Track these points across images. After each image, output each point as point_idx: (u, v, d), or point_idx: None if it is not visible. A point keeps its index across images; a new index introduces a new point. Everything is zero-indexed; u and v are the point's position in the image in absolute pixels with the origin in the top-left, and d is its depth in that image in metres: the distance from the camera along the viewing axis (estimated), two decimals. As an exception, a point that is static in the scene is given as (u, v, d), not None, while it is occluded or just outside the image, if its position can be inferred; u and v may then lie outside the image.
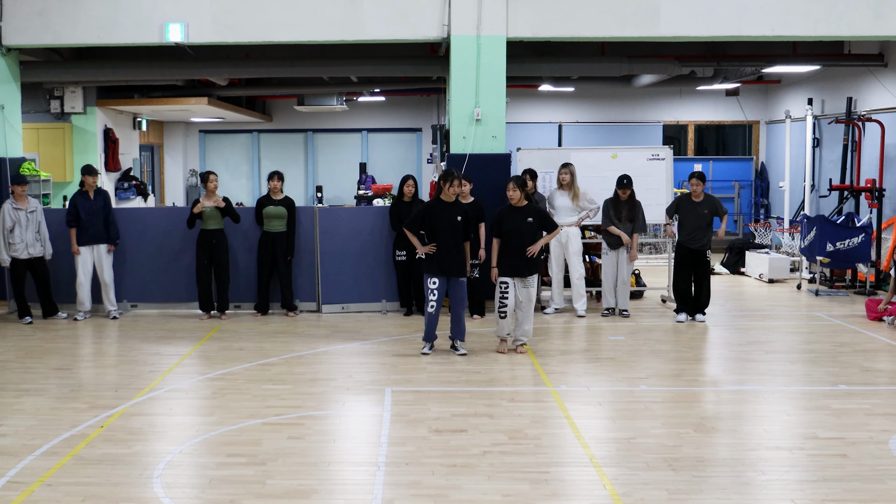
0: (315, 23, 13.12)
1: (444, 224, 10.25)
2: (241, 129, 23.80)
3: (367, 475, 6.45)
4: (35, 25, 13.22)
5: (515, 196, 10.41)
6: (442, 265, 10.20)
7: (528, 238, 10.31)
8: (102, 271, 12.64)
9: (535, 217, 10.42)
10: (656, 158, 13.97)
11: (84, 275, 12.59)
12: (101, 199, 12.68)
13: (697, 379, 9.48)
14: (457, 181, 10.48)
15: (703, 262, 12.34)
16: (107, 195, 12.88)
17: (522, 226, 10.28)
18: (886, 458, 6.80)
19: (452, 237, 10.25)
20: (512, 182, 10.45)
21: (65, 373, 9.58)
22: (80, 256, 12.52)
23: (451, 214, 10.32)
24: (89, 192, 12.63)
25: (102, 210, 12.61)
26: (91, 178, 12.66)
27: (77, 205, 12.53)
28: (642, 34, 13.14)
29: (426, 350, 10.35)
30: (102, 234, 12.61)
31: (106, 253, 12.66)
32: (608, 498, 6.01)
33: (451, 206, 10.40)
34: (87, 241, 12.55)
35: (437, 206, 10.42)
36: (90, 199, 12.59)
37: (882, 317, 12.20)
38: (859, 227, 14.18)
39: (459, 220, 10.31)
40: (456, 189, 10.46)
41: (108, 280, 12.68)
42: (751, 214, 21.83)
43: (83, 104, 18.03)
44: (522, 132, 21.43)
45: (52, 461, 6.74)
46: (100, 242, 12.61)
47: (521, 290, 10.32)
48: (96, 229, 12.57)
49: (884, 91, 16.20)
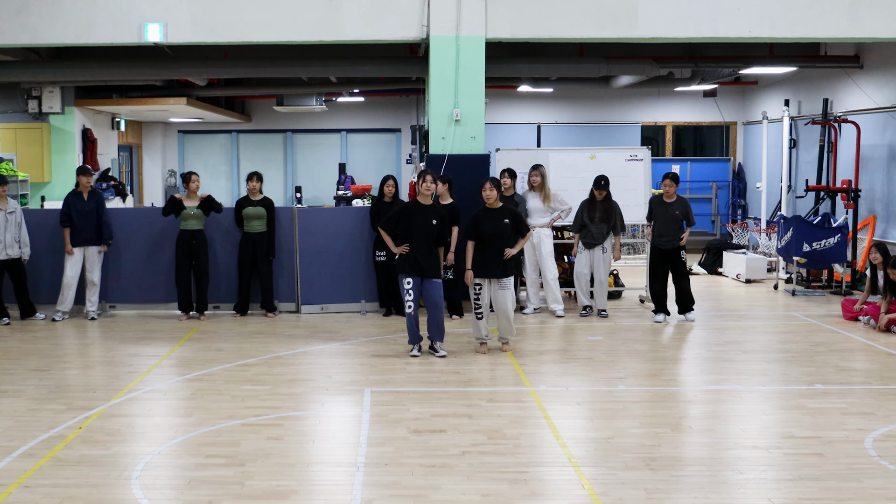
0: (294, 23, 13.10)
1: (419, 226, 10.19)
2: (220, 129, 23.74)
3: (347, 476, 6.46)
4: (13, 25, 13.13)
5: (493, 196, 10.39)
6: (415, 265, 10.16)
7: (504, 239, 10.29)
8: (92, 272, 12.62)
9: (511, 218, 10.39)
10: (634, 159, 14.03)
11: (72, 275, 12.55)
12: (95, 200, 12.64)
13: (675, 379, 9.54)
14: (430, 176, 10.45)
15: (677, 263, 12.39)
16: (101, 196, 12.84)
17: (499, 227, 10.26)
18: (862, 457, 6.86)
19: (426, 239, 10.20)
20: (489, 182, 10.44)
21: (43, 374, 9.54)
22: (71, 256, 12.48)
23: (426, 217, 10.27)
24: (83, 193, 12.59)
25: (95, 211, 12.57)
26: (85, 179, 12.62)
27: (70, 205, 12.49)
28: (620, 35, 13.18)
29: (415, 353, 10.31)
30: (94, 236, 12.57)
31: (97, 254, 12.63)
32: (587, 497, 6.04)
33: (428, 209, 10.36)
34: (79, 241, 12.51)
35: (413, 208, 10.39)
36: (83, 200, 12.55)
37: (858, 316, 12.30)
38: (835, 228, 14.28)
39: (435, 223, 10.28)
40: (429, 185, 10.41)
41: (95, 280, 12.66)
42: (728, 215, 21.95)
43: (61, 104, 17.92)
44: (501, 133, 21.45)
45: (30, 463, 6.71)
46: (92, 244, 12.57)
47: (497, 292, 10.32)
48: (89, 230, 12.54)
49: (859, 92, 16.33)
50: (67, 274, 12.53)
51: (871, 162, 15.90)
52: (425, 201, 10.43)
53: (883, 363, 10.08)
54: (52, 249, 12.83)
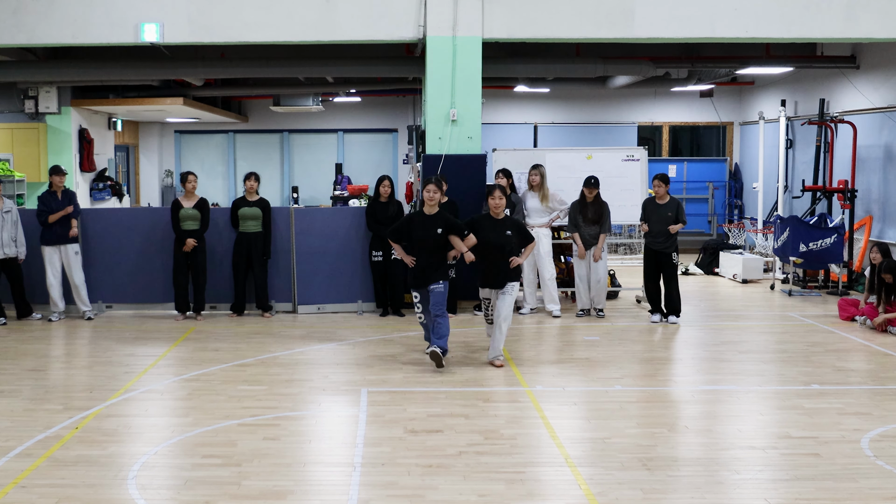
0: (291, 23, 13.09)
1: (423, 238, 9.69)
2: (216, 129, 23.72)
3: (343, 476, 6.45)
4: (9, 25, 13.11)
5: (501, 205, 9.92)
6: (420, 278, 9.74)
7: (507, 253, 9.76)
8: (71, 273, 12.56)
9: (514, 230, 9.93)
10: (631, 159, 14.04)
11: (53, 275, 12.52)
12: (68, 199, 12.59)
13: (672, 379, 9.54)
14: (432, 186, 9.81)
15: (668, 265, 12.38)
16: (73, 195, 12.77)
17: (502, 239, 9.77)
18: (858, 457, 6.86)
19: (430, 250, 9.71)
20: (498, 191, 9.96)
21: (39, 374, 9.53)
22: (46, 256, 12.46)
23: (431, 228, 9.70)
24: (57, 193, 12.56)
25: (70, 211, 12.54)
26: (58, 178, 12.58)
27: (45, 204, 12.48)
28: (617, 35, 13.19)
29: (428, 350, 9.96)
30: (68, 234, 12.52)
31: (73, 254, 12.57)
32: (583, 498, 6.04)
33: (431, 220, 9.76)
34: (52, 240, 12.48)
35: (417, 221, 9.86)
36: (57, 200, 12.51)
37: (854, 317, 12.31)
38: (832, 228, 14.30)
39: (440, 231, 9.70)
40: (432, 196, 9.77)
41: (77, 282, 12.60)
42: (725, 215, 21.97)
43: (58, 104, 17.90)
44: (498, 133, 21.45)
45: (27, 463, 6.71)
46: (65, 243, 12.53)
47: (500, 297, 9.86)
48: (63, 230, 12.48)
49: (856, 93, 16.34)
50: (48, 274, 12.51)
51: (868, 162, 15.92)
52: (430, 211, 9.85)
53: (879, 363, 10.09)
54: (49, 250, 12.82)
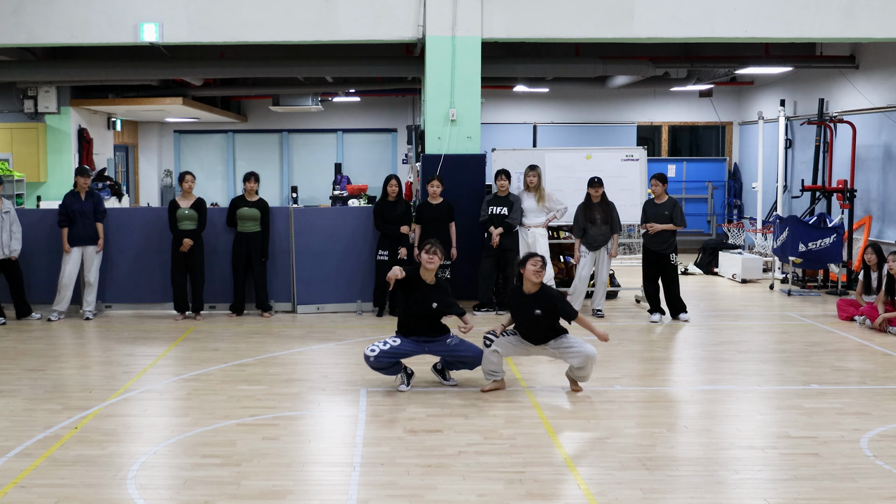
0: (290, 23, 13.10)
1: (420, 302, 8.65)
2: (216, 129, 23.72)
3: (343, 476, 6.45)
4: (8, 24, 13.12)
5: (539, 278, 8.43)
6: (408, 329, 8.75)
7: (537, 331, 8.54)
8: (89, 271, 12.61)
9: (545, 310, 8.43)
10: (630, 159, 14.04)
11: (69, 274, 12.53)
12: (92, 201, 12.63)
13: (671, 379, 9.55)
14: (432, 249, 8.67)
15: (667, 266, 12.37)
16: (98, 198, 12.84)
17: (530, 317, 8.48)
18: (858, 457, 6.86)
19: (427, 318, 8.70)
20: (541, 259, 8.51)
21: (38, 374, 9.52)
22: (68, 255, 12.48)
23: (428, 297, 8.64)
24: (81, 194, 12.58)
25: (93, 212, 12.57)
26: (82, 180, 12.63)
27: (67, 205, 12.50)
28: (616, 35, 13.20)
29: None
30: (91, 236, 12.58)
31: (94, 254, 12.63)
32: (582, 497, 6.04)
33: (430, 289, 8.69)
34: (77, 241, 12.51)
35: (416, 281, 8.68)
36: (81, 201, 12.55)
37: (853, 316, 12.31)
38: (831, 228, 14.29)
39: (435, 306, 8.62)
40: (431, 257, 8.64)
41: (92, 280, 12.64)
42: (724, 215, 21.98)
43: (57, 104, 17.91)
44: (497, 133, 21.45)
45: (26, 462, 6.70)
46: (89, 244, 12.57)
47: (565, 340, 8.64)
48: (86, 230, 12.53)
49: (855, 93, 16.35)
50: (65, 274, 12.51)
51: (867, 162, 15.93)
52: (427, 277, 8.68)
53: (879, 363, 10.09)
54: (47, 249, 12.80)
